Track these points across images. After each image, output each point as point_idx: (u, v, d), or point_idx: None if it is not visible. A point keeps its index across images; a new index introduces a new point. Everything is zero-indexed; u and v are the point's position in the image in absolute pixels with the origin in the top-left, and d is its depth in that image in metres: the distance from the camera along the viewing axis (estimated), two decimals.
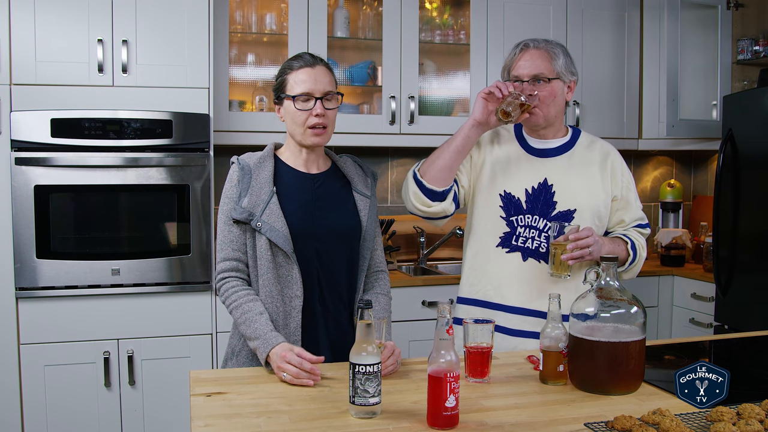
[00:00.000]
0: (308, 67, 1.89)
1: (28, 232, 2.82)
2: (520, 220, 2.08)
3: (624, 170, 2.17)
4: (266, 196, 1.86)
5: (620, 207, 2.16)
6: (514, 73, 2.08)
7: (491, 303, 2.11)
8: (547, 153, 2.13)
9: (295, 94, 1.87)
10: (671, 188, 4.22)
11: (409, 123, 3.52)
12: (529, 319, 2.07)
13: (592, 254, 1.95)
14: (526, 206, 2.08)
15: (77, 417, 2.90)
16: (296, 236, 1.86)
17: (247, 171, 1.89)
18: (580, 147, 2.15)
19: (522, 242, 2.08)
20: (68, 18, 2.87)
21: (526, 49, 2.07)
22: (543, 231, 2.06)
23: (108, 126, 2.89)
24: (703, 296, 3.54)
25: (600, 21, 3.82)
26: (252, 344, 1.81)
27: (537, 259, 2.07)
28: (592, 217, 2.09)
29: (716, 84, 3.92)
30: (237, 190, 1.88)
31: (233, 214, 1.86)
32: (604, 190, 2.12)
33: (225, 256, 1.89)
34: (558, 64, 2.06)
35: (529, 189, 2.09)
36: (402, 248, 3.83)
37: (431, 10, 3.74)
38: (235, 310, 1.85)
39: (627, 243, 2.11)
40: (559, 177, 2.09)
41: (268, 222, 1.84)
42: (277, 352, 1.72)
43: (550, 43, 2.09)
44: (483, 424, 1.41)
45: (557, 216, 2.06)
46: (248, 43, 3.52)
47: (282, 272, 1.86)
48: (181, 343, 3.00)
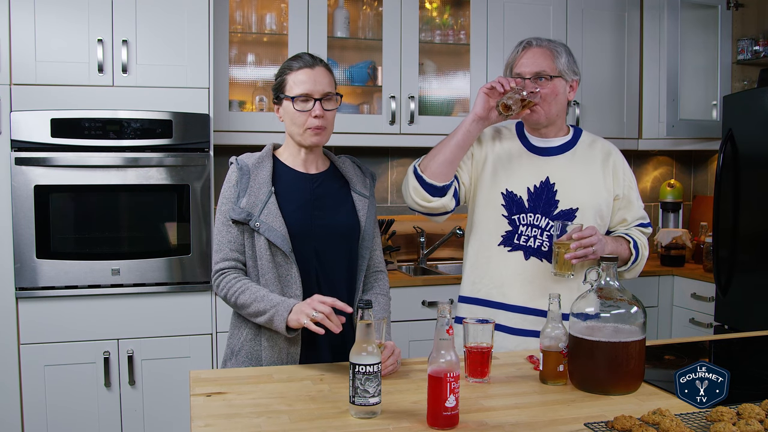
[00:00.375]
0: (308, 68, 1.88)
1: (28, 232, 2.82)
2: (522, 218, 2.08)
3: (626, 169, 2.17)
4: (264, 196, 1.86)
5: (622, 206, 2.16)
6: (516, 70, 2.08)
7: (493, 302, 2.10)
8: (549, 151, 2.13)
9: (294, 95, 1.87)
10: (671, 188, 4.22)
11: (409, 123, 3.52)
12: (531, 318, 2.07)
13: (595, 253, 1.95)
14: (528, 205, 2.08)
15: (77, 417, 2.90)
16: (294, 236, 1.86)
17: (245, 171, 1.89)
18: (582, 146, 2.15)
19: (524, 241, 2.08)
20: (68, 18, 2.87)
21: (529, 47, 2.08)
22: (545, 230, 2.06)
23: (108, 126, 2.89)
24: (703, 296, 3.54)
25: (600, 21, 3.82)
26: (267, 315, 1.79)
27: (539, 257, 2.07)
28: (594, 216, 2.08)
29: (716, 84, 3.92)
30: (235, 191, 1.88)
31: (231, 214, 1.86)
32: (606, 189, 2.12)
33: (223, 256, 1.88)
34: (560, 62, 2.06)
35: (531, 187, 2.09)
36: (402, 248, 3.83)
37: (431, 10, 3.74)
38: (242, 294, 1.83)
39: (629, 242, 2.11)
40: (561, 175, 2.09)
41: (266, 222, 1.84)
42: (298, 306, 1.74)
43: (552, 42, 2.10)
44: (483, 424, 1.41)
45: (559, 215, 2.06)
46: (248, 43, 3.52)
47: (281, 272, 1.87)
48: (181, 343, 3.00)
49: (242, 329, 1.92)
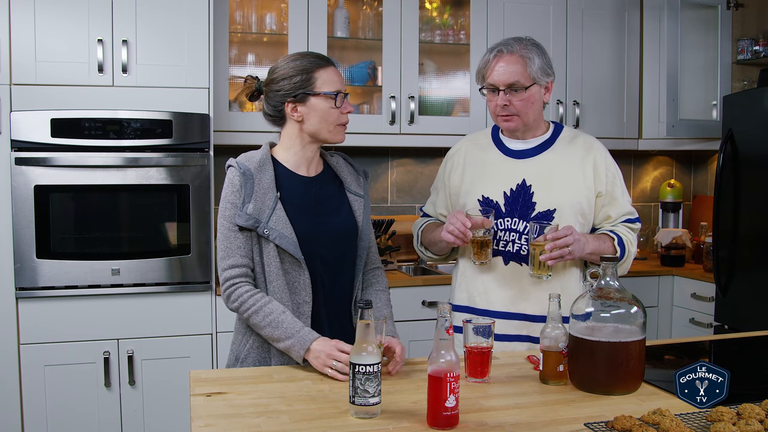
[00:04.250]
0: (333, 66, 1.91)
1: (28, 232, 2.82)
2: (500, 223, 2.07)
3: (608, 164, 2.11)
4: (271, 202, 1.84)
5: (606, 203, 2.10)
6: (489, 80, 2.04)
7: (478, 309, 2.11)
8: (525, 153, 2.11)
9: (328, 91, 1.87)
10: (671, 188, 4.22)
11: (409, 123, 3.52)
12: (514, 322, 2.07)
13: (572, 253, 1.93)
14: (505, 209, 2.07)
15: (77, 417, 2.90)
16: (302, 241, 1.85)
17: (249, 176, 1.85)
18: (560, 143, 2.12)
19: (503, 246, 2.07)
20: (68, 18, 2.87)
21: (500, 56, 2.02)
22: (523, 233, 2.05)
23: (108, 126, 2.89)
24: (703, 296, 3.54)
25: (600, 21, 3.82)
26: (283, 344, 1.79)
27: (518, 262, 2.06)
28: (574, 214, 2.05)
29: (716, 84, 3.92)
30: (240, 196, 1.84)
31: (238, 220, 1.82)
32: (586, 186, 2.07)
33: (233, 263, 1.84)
34: (533, 69, 2.01)
35: (507, 191, 2.07)
36: (402, 248, 3.82)
37: (431, 10, 3.74)
38: (255, 315, 1.81)
39: (614, 239, 2.06)
40: (537, 177, 2.07)
41: (276, 229, 1.82)
42: (317, 347, 1.74)
43: (523, 45, 2.03)
44: (483, 424, 1.41)
45: (537, 216, 2.04)
46: (248, 43, 3.52)
47: (290, 278, 1.85)
48: (181, 343, 3.00)
49: (249, 336, 1.90)
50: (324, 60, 1.91)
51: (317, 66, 1.88)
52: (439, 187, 2.26)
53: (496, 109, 2.06)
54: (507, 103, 2.02)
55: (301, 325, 1.79)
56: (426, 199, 2.35)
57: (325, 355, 1.72)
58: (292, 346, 1.77)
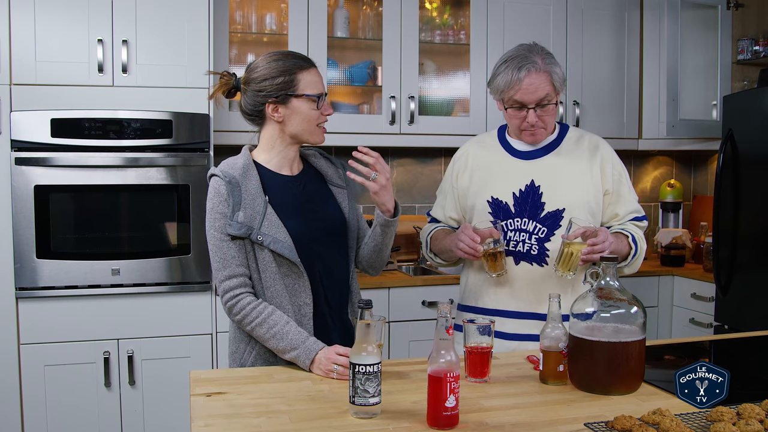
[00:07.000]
0: (314, 68, 1.90)
1: (28, 232, 2.82)
2: (510, 224, 2.07)
3: (615, 163, 2.13)
4: (261, 207, 1.82)
5: (612, 201, 2.12)
6: (517, 98, 2.01)
7: (488, 309, 2.11)
8: (533, 154, 2.12)
9: (311, 93, 1.86)
10: (671, 188, 4.22)
11: (409, 123, 3.52)
12: (525, 322, 2.07)
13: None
14: (515, 210, 2.07)
15: (77, 417, 2.90)
16: (297, 242, 1.84)
17: (235, 184, 1.82)
18: (567, 143, 2.13)
19: (513, 246, 2.07)
20: (68, 18, 2.87)
21: (529, 74, 1.98)
22: (533, 233, 2.06)
23: (108, 126, 2.89)
24: (703, 296, 3.54)
25: (600, 21, 3.82)
26: (288, 355, 1.78)
27: (529, 262, 2.07)
28: (583, 214, 2.06)
29: (716, 84, 3.92)
30: (228, 205, 1.81)
31: (229, 230, 1.80)
32: (593, 185, 2.09)
33: (230, 273, 1.81)
34: (557, 80, 2.02)
35: (517, 192, 2.08)
36: (402, 248, 3.82)
37: (431, 10, 3.74)
38: (258, 327, 1.79)
39: (628, 237, 2.09)
40: (546, 177, 2.08)
41: (269, 234, 1.80)
42: (322, 356, 1.73)
43: (543, 58, 2.02)
44: (483, 424, 1.41)
45: (546, 216, 2.05)
46: (248, 43, 3.52)
47: (288, 281, 1.84)
48: (180, 343, 3.00)
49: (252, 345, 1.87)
50: (306, 61, 1.90)
51: (300, 67, 1.87)
52: (446, 190, 2.25)
53: (522, 125, 2.05)
54: (538, 119, 2.02)
55: (306, 335, 1.78)
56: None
57: (325, 360, 1.72)
58: (297, 357, 1.76)
